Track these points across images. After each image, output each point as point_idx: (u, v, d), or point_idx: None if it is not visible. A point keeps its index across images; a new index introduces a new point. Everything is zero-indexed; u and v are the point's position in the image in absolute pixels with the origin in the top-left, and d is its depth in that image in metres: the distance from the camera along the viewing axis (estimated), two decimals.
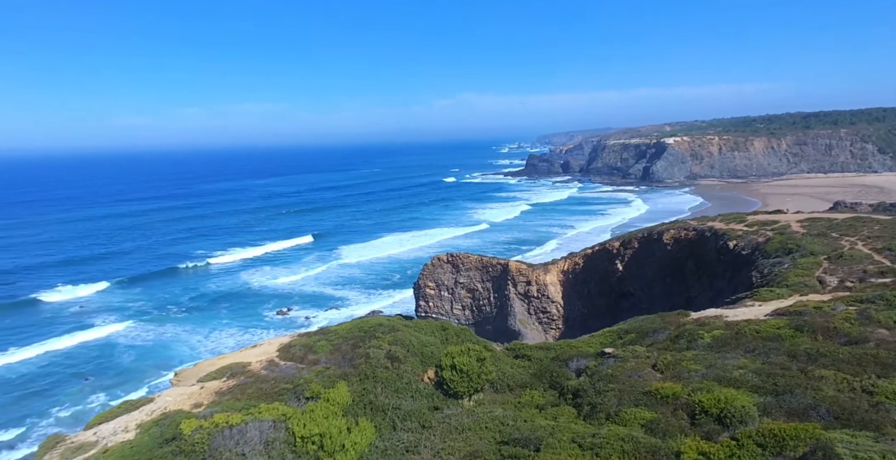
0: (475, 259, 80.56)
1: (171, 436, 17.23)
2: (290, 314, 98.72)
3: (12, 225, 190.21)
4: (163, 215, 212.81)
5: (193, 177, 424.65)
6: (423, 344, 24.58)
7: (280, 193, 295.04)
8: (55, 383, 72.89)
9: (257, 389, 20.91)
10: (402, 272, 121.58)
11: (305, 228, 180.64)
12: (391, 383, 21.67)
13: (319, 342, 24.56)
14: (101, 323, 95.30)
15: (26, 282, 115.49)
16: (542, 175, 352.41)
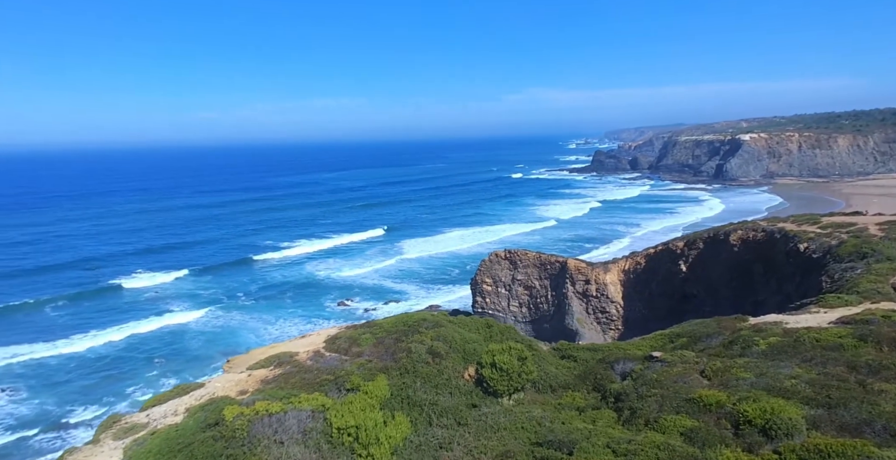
0: (533, 256, 79.74)
1: (214, 422, 17.90)
2: (350, 305, 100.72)
3: (101, 214, 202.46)
4: (235, 207, 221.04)
5: (265, 171, 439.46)
6: (466, 340, 24.55)
7: (348, 187, 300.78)
8: (132, 365, 77.04)
9: (301, 379, 21.45)
10: (461, 267, 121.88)
11: (372, 222, 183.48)
12: (431, 378, 21.76)
13: (364, 335, 24.94)
14: (175, 309, 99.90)
15: (109, 269, 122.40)
16: (608, 171, 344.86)
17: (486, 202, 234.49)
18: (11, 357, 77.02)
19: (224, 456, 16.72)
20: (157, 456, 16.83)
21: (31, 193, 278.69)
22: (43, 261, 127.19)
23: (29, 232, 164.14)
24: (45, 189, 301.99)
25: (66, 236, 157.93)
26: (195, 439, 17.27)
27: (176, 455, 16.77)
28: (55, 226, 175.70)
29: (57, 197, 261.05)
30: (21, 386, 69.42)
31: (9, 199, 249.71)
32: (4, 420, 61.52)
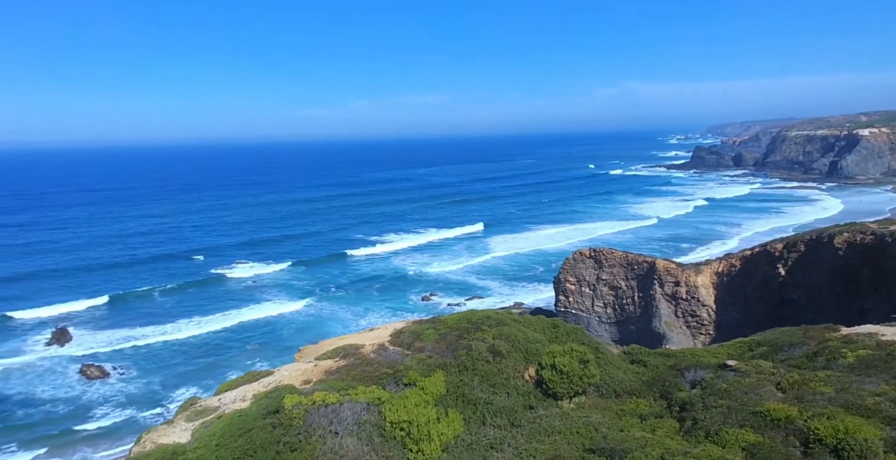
0: (619, 255, 77.39)
1: (275, 409, 18.67)
2: (434, 300, 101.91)
3: (209, 207, 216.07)
4: (331, 202, 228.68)
5: (360, 166, 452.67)
6: (529, 340, 24.17)
7: (439, 183, 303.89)
8: (229, 351, 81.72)
9: (361, 371, 21.94)
10: (546, 265, 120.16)
11: (462, 218, 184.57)
12: (489, 377, 21.62)
13: (427, 330, 25.13)
14: (271, 299, 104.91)
15: (213, 259, 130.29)
16: (710, 168, 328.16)
17: (579, 199, 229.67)
18: (124, 340, 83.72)
19: (280, 443, 17.41)
20: (219, 440, 17.77)
21: (147, 186, 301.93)
22: (156, 251, 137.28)
23: (145, 223, 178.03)
24: (160, 182, 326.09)
25: (177, 228, 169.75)
26: (255, 425, 18.10)
27: (237, 439, 17.63)
28: (168, 217, 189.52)
29: (172, 190, 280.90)
30: (131, 367, 75.30)
31: (129, 192, 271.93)
32: (115, 396, 67.00)
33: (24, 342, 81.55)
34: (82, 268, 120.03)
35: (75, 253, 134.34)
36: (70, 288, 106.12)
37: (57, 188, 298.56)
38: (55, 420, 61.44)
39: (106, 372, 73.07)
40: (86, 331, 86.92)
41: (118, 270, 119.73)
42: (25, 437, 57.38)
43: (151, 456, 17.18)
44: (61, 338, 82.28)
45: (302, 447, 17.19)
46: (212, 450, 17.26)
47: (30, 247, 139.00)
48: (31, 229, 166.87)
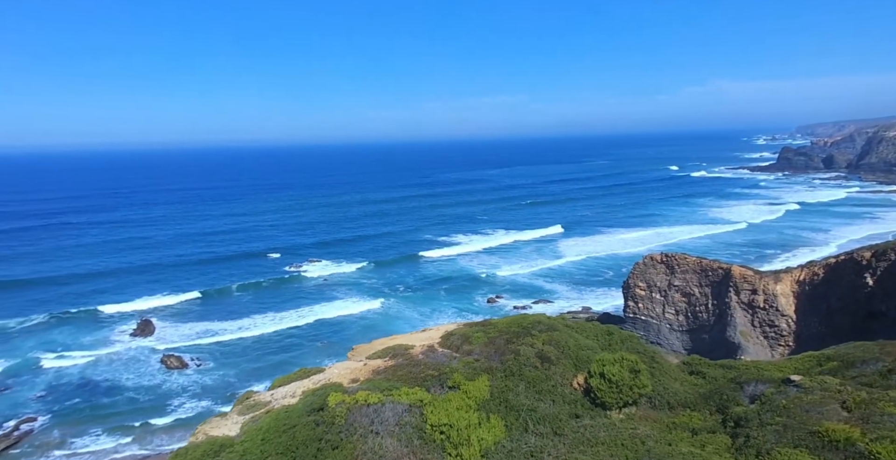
0: (693, 261, 74.39)
1: (319, 407, 19.02)
2: (499, 302, 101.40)
3: (284, 207, 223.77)
4: (403, 203, 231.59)
5: (432, 167, 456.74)
6: (581, 347, 23.58)
7: (510, 185, 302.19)
8: (299, 346, 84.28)
9: (407, 372, 22.04)
10: (617, 270, 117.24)
11: (532, 221, 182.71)
12: (536, 383, 21.24)
13: (477, 333, 24.97)
14: (341, 297, 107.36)
15: (289, 258, 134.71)
16: (798, 170, 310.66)
17: (657, 202, 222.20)
18: (203, 333, 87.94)
19: (322, 440, 17.72)
20: (264, 434, 18.29)
21: (226, 186, 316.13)
22: (235, 249, 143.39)
23: (226, 221, 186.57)
24: (238, 183, 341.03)
25: (255, 227, 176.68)
26: (299, 421, 18.51)
27: (281, 434, 18.10)
28: (247, 216, 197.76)
29: (250, 190, 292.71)
30: (209, 359, 78.88)
31: (210, 192, 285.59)
32: (192, 387, 70.37)
33: (111, 332, 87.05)
34: (167, 265, 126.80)
35: (161, 249, 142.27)
36: (155, 283, 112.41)
37: (145, 187, 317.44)
38: (136, 408, 65.15)
39: (185, 363, 76.84)
40: (168, 323, 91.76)
41: (200, 267, 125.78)
42: (109, 424, 61.11)
43: (200, 448, 17.89)
44: (145, 329, 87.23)
45: (343, 445, 17.43)
46: (257, 445, 17.79)
47: (121, 244, 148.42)
48: (122, 226, 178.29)
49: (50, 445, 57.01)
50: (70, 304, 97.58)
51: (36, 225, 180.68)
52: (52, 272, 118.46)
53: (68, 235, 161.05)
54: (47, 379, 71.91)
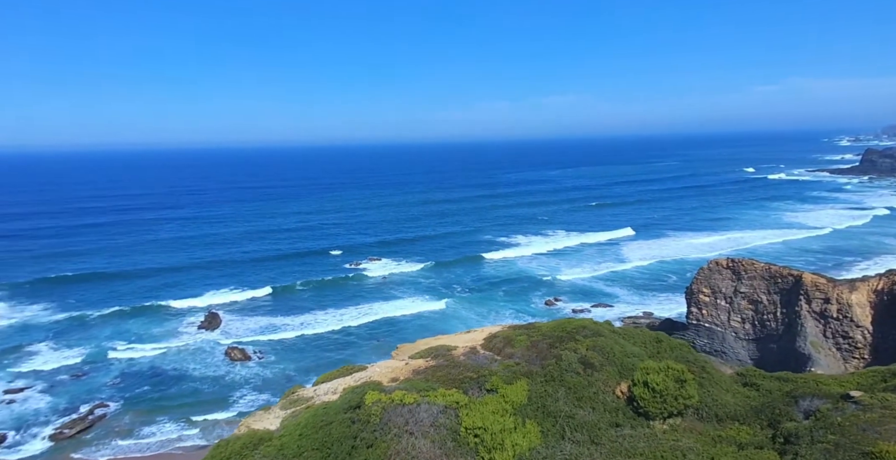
0: (761, 266, 71.17)
1: (356, 405, 19.20)
2: (557, 305, 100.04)
3: (347, 206, 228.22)
4: (464, 204, 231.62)
5: (495, 168, 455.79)
6: (626, 354, 22.88)
7: (573, 186, 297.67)
8: (356, 343, 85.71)
9: (446, 373, 21.95)
10: (681, 274, 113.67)
11: (596, 223, 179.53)
12: (577, 390, 20.75)
13: (520, 336, 24.63)
14: (400, 296, 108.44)
15: (351, 257, 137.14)
16: (883, 173, 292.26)
17: (730, 205, 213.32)
18: (266, 327, 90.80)
19: (357, 438, 17.89)
20: (302, 429, 18.61)
21: (291, 185, 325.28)
22: (299, 247, 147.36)
23: (292, 220, 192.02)
24: (303, 182, 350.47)
25: (319, 225, 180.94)
26: (336, 418, 18.73)
27: (318, 430, 18.37)
28: (311, 215, 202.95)
29: (314, 189, 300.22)
30: (270, 353, 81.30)
31: (275, 190, 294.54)
32: (253, 379, 72.69)
33: (180, 324, 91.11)
34: (234, 261, 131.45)
35: (228, 246, 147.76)
36: (222, 278, 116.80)
37: (214, 185, 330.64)
38: (200, 398, 67.86)
39: (247, 356, 79.47)
40: (234, 317, 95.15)
41: (266, 263, 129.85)
42: (175, 413, 63.90)
43: (240, 441, 18.39)
44: (212, 322, 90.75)
45: (377, 444, 17.53)
46: (294, 440, 18.13)
47: (192, 240, 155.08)
48: (193, 223, 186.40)
49: (120, 431, 60.05)
50: (143, 297, 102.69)
51: (114, 220, 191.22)
52: (129, 266, 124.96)
53: (143, 231, 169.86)
54: (120, 366, 75.88)
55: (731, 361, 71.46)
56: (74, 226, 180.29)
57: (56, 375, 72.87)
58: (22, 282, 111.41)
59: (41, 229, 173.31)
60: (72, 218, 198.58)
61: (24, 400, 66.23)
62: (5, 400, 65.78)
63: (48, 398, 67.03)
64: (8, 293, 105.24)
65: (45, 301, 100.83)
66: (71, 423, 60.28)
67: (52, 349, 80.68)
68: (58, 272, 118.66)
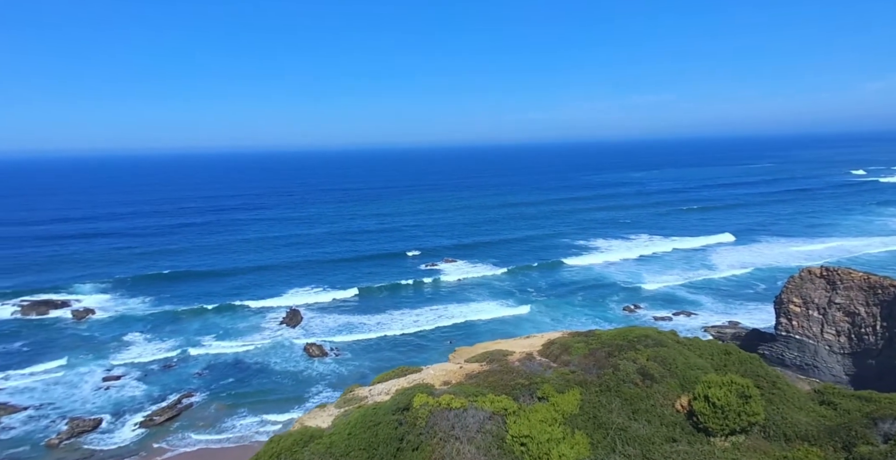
0: (859, 276, 66.14)
1: (404, 407, 19.32)
2: (636, 311, 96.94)
3: (426, 208, 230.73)
4: (542, 207, 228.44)
5: (576, 169, 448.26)
6: (690, 366, 21.80)
7: (661, 189, 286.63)
8: (430, 343, 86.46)
9: (498, 379, 21.70)
10: (770, 282, 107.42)
11: (685, 228, 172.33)
12: (633, 401, 19.97)
13: (578, 344, 23.99)
14: (474, 298, 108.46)
15: (428, 259, 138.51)
16: None
17: (834, 211, 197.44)
18: (344, 326, 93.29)
19: (404, 440, 17.99)
20: (350, 429, 18.90)
21: (371, 187, 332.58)
22: (379, 248, 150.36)
23: (371, 221, 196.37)
24: (383, 183, 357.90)
25: (399, 227, 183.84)
26: (384, 419, 18.91)
27: (366, 431, 18.61)
28: (391, 217, 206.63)
29: (398, 191, 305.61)
30: (346, 350, 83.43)
31: (365, 192, 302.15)
32: (329, 375, 74.77)
33: (263, 320, 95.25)
34: (316, 261, 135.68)
35: (312, 247, 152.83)
36: (304, 278, 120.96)
37: (300, 187, 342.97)
38: (280, 392, 70.45)
39: (325, 352, 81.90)
40: (314, 315, 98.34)
41: (346, 264, 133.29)
42: (255, 405, 66.63)
43: (291, 437, 18.91)
44: (293, 319, 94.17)
45: (422, 447, 17.56)
46: (343, 438, 18.44)
47: (278, 240, 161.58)
48: (280, 223, 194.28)
49: (205, 420, 63.22)
50: (230, 295, 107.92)
51: (209, 220, 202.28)
52: (218, 265, 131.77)
53: (234, 230, 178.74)
54: (207, 359, 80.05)
55: (824, 376, 66.85)
56: (173, 225, 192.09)
57: (149, 365, 77.79)
58: (124, 277, 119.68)
59: (144, 228, 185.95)
60: (171, 217, 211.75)
61: (121, 387, 71.07)
62: (104, 387, 70.86)
63: (142, 386, 71.57)
64: (112, 287, 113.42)
65: (143, 295, 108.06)
66: (160, 411, 64.03)
67: (147, 340, 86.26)
68: (155, 269, 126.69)
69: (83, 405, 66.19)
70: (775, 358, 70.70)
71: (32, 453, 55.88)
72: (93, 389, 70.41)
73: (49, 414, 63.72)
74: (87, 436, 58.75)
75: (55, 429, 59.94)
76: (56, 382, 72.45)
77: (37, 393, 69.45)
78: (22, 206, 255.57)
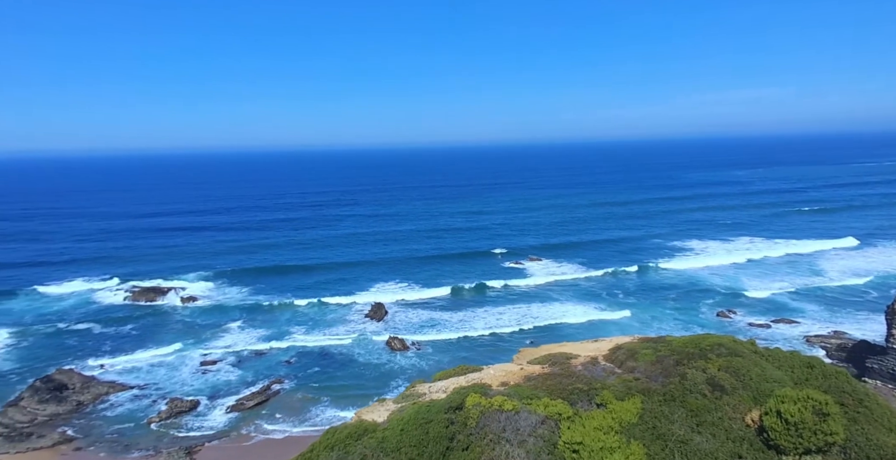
0: None
1: (457, 406, 19.27)
2: (731, 317, 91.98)
3: (513, 208, 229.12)
4: (637, 207, 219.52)
5: (674, 167, 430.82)
6: (766, 378, 20.35)
7: (766, 189, 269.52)
8: (510, 342, 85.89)
9: (556, 383, 21.18)
10: (883, 290, 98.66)
11: (791, 231, 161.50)
12: (699, 413, 18.90)
13: (646, 350, 22.98)
14: (558, 299, 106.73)
15: (513, 259, 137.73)
16: None
17: None
18: (427, 322, 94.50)
19: (453, 439, 17.96)
20: (403, 425, 19.06)
21: (467, 185, 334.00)
22: (463, 247, 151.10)
23: (458, 219, 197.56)
24: (467, 180, 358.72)
25: (485, 226, 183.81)
26: (435, 418, 18.93)
27: (417, 428, 18.70)
28: (477, 215, 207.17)
29: (485, 188, 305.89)
30: (428, 345, 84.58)
31: (452, 190, 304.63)
32: (409, 369, 76.01)
33: (349, 312, 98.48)
34: (403, 259, 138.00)
35: (399, 243, 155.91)
36: (390, 274, 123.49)
37: (389, 185, 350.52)
38: (361, 383, 72.42)
39: (406, 346, 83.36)
40: (398, 310, 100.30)
41: (431, 261, 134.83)
42: (338, 395, 68.81)
43: (346, 430, 19.32)
44: (377, 313, 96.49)
45: (472, 447, 17.46)
46: (395, 434, 18.64)
47: (367, 236, 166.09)
48: (371, 220, 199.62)
49: (291, 408, 65.93)
50: (319, 288, 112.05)
51: (304, 216, 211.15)
52: (310, 259, 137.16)
53: (326, 226, 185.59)
54: (296, 348, 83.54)
55: None
56: (270, 220, 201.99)
57: (243, 352, 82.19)
58: (225, 270, 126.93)
59: (245, 222, 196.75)
60: (270, 212, 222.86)
61: (217, 371, 75.56)
62: (201, 370, 75.61)
63: (236, 371, 75.69)
64: (213, 277, 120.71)
65: (240, 286, 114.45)
66: (251, 396, 67.47)
67: (241, 328, 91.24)
68: (252, 263, 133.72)
69: (182, 386, 70.93)
70: (886, 372, 64.97)
71: (136, 430, 60.43)
72: (191, 372, 75.31)
73: (151, 394, 68.79)
74: (184, 417, 62.83)
75: (156, 409, 64.58)
76: (160, 364, 78.10)
77: (142, 373, 75.16)
78: (137, 200, 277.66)
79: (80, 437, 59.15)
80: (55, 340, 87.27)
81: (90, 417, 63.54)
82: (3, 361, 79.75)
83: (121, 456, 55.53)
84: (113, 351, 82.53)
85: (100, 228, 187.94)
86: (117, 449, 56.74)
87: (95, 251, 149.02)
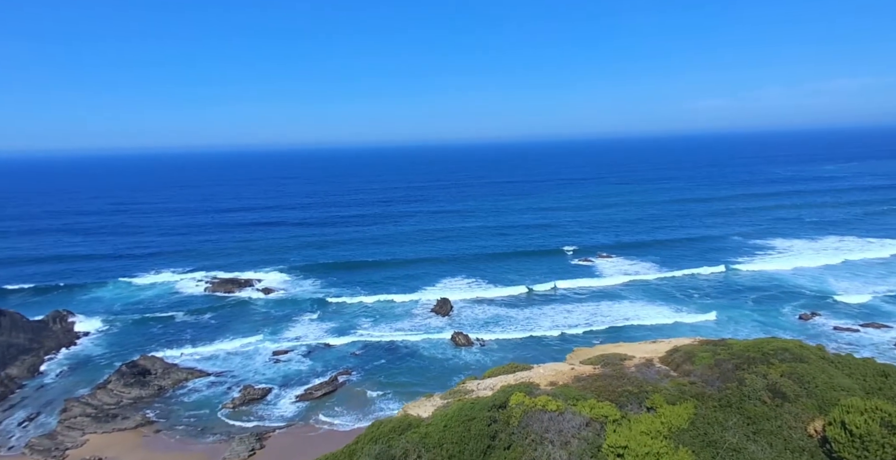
0: None
1: (501, 404, 19.10)
2: (814, 320, 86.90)
3: (588, 204, 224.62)
4: (717, 204, 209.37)
5: (763, 162, 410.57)
6: (833, 386, 19.04)
7: (859, 185, 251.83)
8: (575, 342, 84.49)
9: (606, 384, 20.60)
10: None
11: (882, 229, 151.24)
12: (757, 421, 17.92)
13: (704, 353, 21.98)
14: (629, 298, 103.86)
15: (583, 256, 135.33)
16: None
17: None
18: (493, 318, 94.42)
19: (495, 438, 17.82)
20: (446, 421, 19.06)
21: (539, 181, 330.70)
22: (532, 244, 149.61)
23: (527, 216, 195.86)
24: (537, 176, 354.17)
25: (554, 223, 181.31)
26: (478, 415, 18.81)
27: (460, 424, 18.66)
28: (546, 212, 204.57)
29: (556, 185, 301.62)
30: (491, 341, 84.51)
31: (525, 186, 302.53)
32: (473, 365, 76.08)
33: (416, 306, 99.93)
34: (469, 255, 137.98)
35: (464, 240, 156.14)
36: (457, 270, 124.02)
37: (460, 180, 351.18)
38: (425, 376, 73.10)
39: (470, 342, 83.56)
40: (464, 305, 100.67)
41: (498, 257, 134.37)
42: (401, 388, 69.75)
43: (391, 423, 19.53)
44: (443, 308, 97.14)
45: (514, 447, 17.26)
46: (439, 430, 18.67)
47: (433, 233, 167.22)
48: (438, 216, 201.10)
49: (357, 398, 67.41)
50: (387, 284, 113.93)
51: (375, 212, 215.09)
52: (378, 255, 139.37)
53: (394, 222, 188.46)
54: (363, 341, 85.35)
55: None
56: (344, 216, 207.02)
57: (314, 342, 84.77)
58: (300, 265, 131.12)
59: (320, 218, 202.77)
60: (344, 208, 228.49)
61: (288, 361, 78.24)
62: (273, 360, 78.51)
63: (307, 362, 78.11)
64: (288, 271, 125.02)
65: (313, 279, 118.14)
66: (319, 386, 69.40)
67: (312, 321, 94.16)
68: (326, 258, 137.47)
69: (254, 375, 73.89)
70: None
71: (210, 415, 63.46)
72: (264, 361, 78.33)
73: (227, 381, 72.04)
74: (255, 405, 65.43)
75: (230, 396, 67.59)
76: (235, 352, 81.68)
77: (219, 360, 78.86)
78: (231, 195, 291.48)
79: (160, 421, 62.73)
80: (141, 328, 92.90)
81: (169, 401, 67.25)
82: (95, 347, 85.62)
83: (196, 440, 58.46)
84: (193, 339, 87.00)
85: (184, 223, 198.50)
86: (193, 433, 59.78)
87: (179, 244, 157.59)
